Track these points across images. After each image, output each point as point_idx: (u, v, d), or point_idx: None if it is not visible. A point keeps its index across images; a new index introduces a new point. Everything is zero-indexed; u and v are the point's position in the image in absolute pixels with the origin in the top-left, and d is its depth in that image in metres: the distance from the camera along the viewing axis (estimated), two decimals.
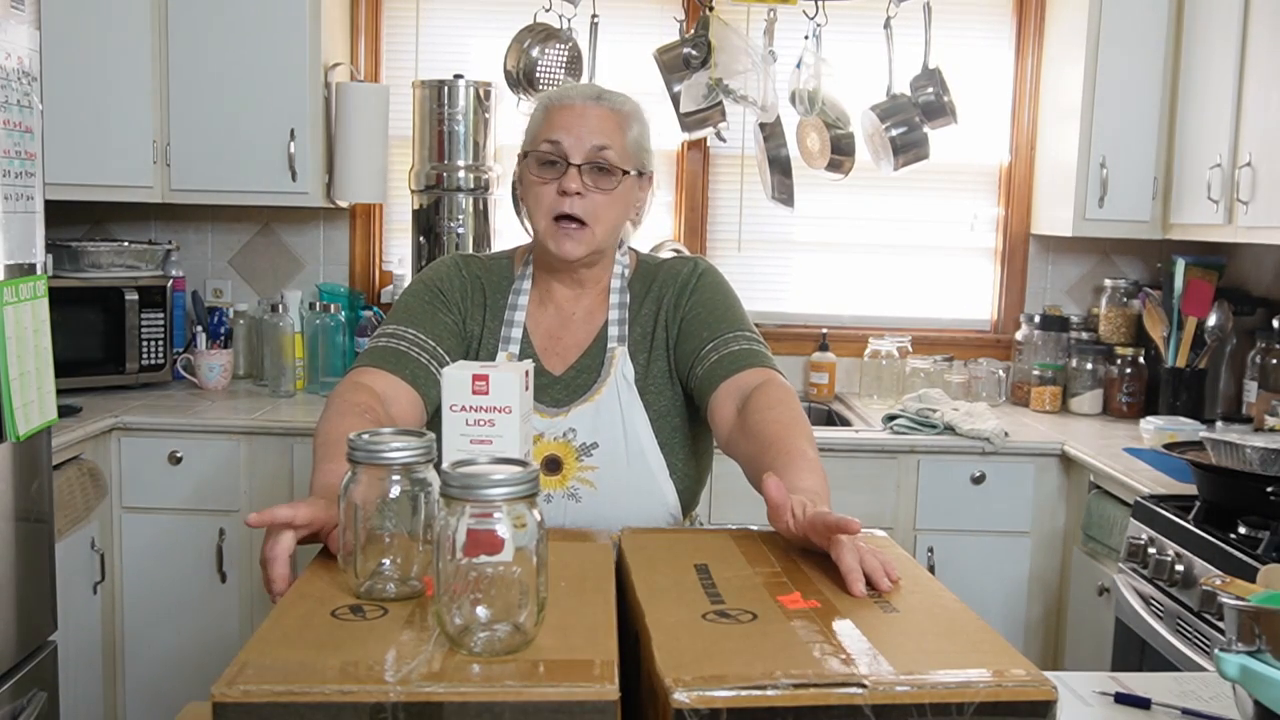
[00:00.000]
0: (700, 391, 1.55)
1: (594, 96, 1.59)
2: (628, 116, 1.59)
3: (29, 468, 2.01)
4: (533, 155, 1.57)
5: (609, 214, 1.56)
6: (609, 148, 1.55)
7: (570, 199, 1.53)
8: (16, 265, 1.90)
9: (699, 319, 1.59)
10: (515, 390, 1.10)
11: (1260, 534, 1.98)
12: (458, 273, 1.65)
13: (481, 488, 0.84)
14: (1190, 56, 2.91)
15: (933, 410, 2.93)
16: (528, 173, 1.58)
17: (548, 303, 1.65)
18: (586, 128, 1.54)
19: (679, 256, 1.70)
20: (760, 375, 1.51)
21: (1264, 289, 3.09)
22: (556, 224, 1.55)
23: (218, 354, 3.16)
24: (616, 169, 1.55)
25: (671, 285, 1.63)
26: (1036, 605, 2.87)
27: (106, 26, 2.86)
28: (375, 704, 0.78)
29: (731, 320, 1.59)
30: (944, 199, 3.46)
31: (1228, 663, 0.96)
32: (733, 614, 0.93)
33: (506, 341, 1.61)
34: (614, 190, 1.56)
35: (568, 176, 1.53)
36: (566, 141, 1.54)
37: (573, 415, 1.56)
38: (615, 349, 1.60)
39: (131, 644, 2.80)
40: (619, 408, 1.56)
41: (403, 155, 3.23)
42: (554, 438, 1.55)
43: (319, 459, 1.29)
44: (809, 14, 3.16)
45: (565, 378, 1.60)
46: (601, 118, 1.56)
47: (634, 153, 1.58)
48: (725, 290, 1.65)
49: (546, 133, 1.56)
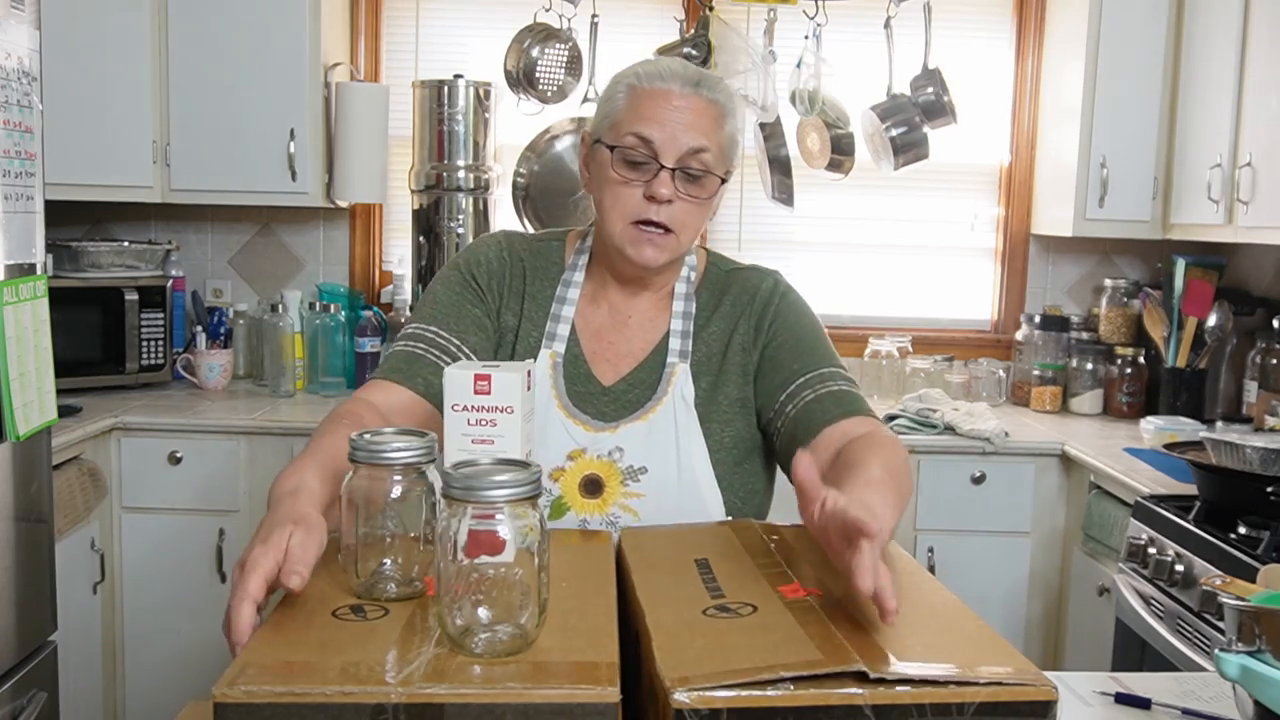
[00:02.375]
0: (788, 434, 1.38)
1: (693, 82, 1.37)
2: (725, 110, 1.39)
3: (29, 468, 2.01)
4: (619, 151, 1.36)
5: (695, 221, 1.39)
6: (706, 150, 1.35)
7: (659, 206, 1.35)
8: (16, 265, 1.90)
9: (787, 348, 1.42)
10: (517, 390, 1.10)
11: (1260, 534, 1.98)
12: (499, 254, 1.48)
13: (483, 489, 0.84)
14: (1190, 56, 2.91)
15: (933, 410, 2.93)
16: (609, 169, 1.37)
17: (601, 300, 1.47)
18: (682, 122, 1.34)
19: (752, 267, 1.52)
20: (865, 425, 1.34)
21: (1264, 289, 3.09)
22: (637, 228, 1.36)
23: (218, 354, 3.16)
24: (712, 174, 1.37)
25: (748, 305, 1.46)
26: (1037, 605, 2.88)
27: (106, 27, 2.86)
28: (376, 705, 0.78)
29: (823, 353, 1.43)
30: (944, 199, 3.46)
31: (1228, 663, 0.96)
32: (733, 608, 0.93)
33: (551, 338, 1.44)
34: (706, 199, 1.39)
35: (659, 181, 1.34)
36: (659, 139, 1.34)
37: (621, 432, 1.38)
38: (675, 365, 1.42)
39: (131, 644, 2.80)
40: (675, 430, 1.39)
41: (403, 155, 3.23)
42: (597, 455, 1.37)
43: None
44: (809, 14, 3.16)
45: (615, 390, 1.43)
46: (699, 111, 1.35)
47: (728, 152, 1.40)
48: (810, 315, 1.48)
49: (633, 123, 1.35)
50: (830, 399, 1.37)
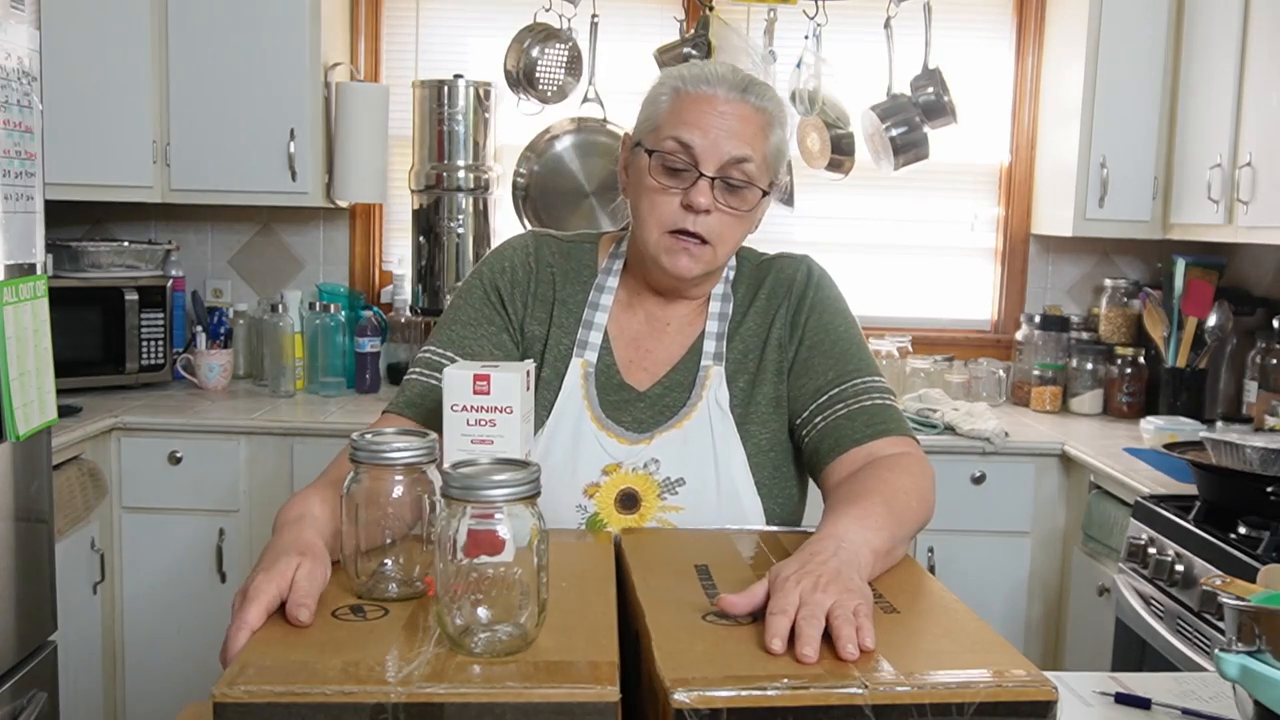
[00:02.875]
0: (813, 447, 1.34)
1: (740, 88, 1.31)
2: (773, 119, 1.34)
3: (29, 468, 2.01)
4: (657, 157, 1.31)
5: (734, 234, 1.34)
6: (749, 160, 1.30)
7: (696, 216, 1.29)
8: (16, 265, 1.90)
9: (821, 349, 1.36)
10: (516, 390, 1.10)
11: (1260, 534, 1.98)
12: (524, 260, 1.42)
13: (482, 488, 0.84)
14: (1190, 56, 2.91)
15: (933, 410, 2.93)
16: (646, 174, 1.32)
17: (636, 306, 1.41)
18: (725, 129, 1.29)
19: (783, 255, 1.47)
20: (896, 445, 1.29)
21: (1264, 289, 3.09)
22: (673, 238, 1.31)
23: (217, 354, 3.16)
24: (754, 186, 1.32)
25: (785, 297, 1.40)
26: (1037, 605, 2.87)
27: (106, 26, 2.86)
28: (376, 704, 0.78)
29: (858, 358, 1.36)
30: (944, 199, 3.46)
31: (1228, 663, 0.96)
32: (732, 615, 0.93)
33: (583, 346, 1.39)
34: (746, 212, 1.33)
35: (697, 190, 1.28)
36: (700, 146, 1.28)
37: (657, 443, 1.34)
38: (710, 367, 1.38)
39: (131, 644, 2.80)
40: (711, 438, 1.34)
41: (403, 155, 3.23)
42: (633, 469, 1.32)
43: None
44: (809, 14, 3.16)
45: (651, 395, 1.37)
46: (745, 119, 1.30)
47: (774, 163, 1.35)
48: (844, 310, 1.42)
49: (675, 128, 1.30)
50: (862, 416, 1.32)
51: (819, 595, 0.90)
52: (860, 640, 0.85)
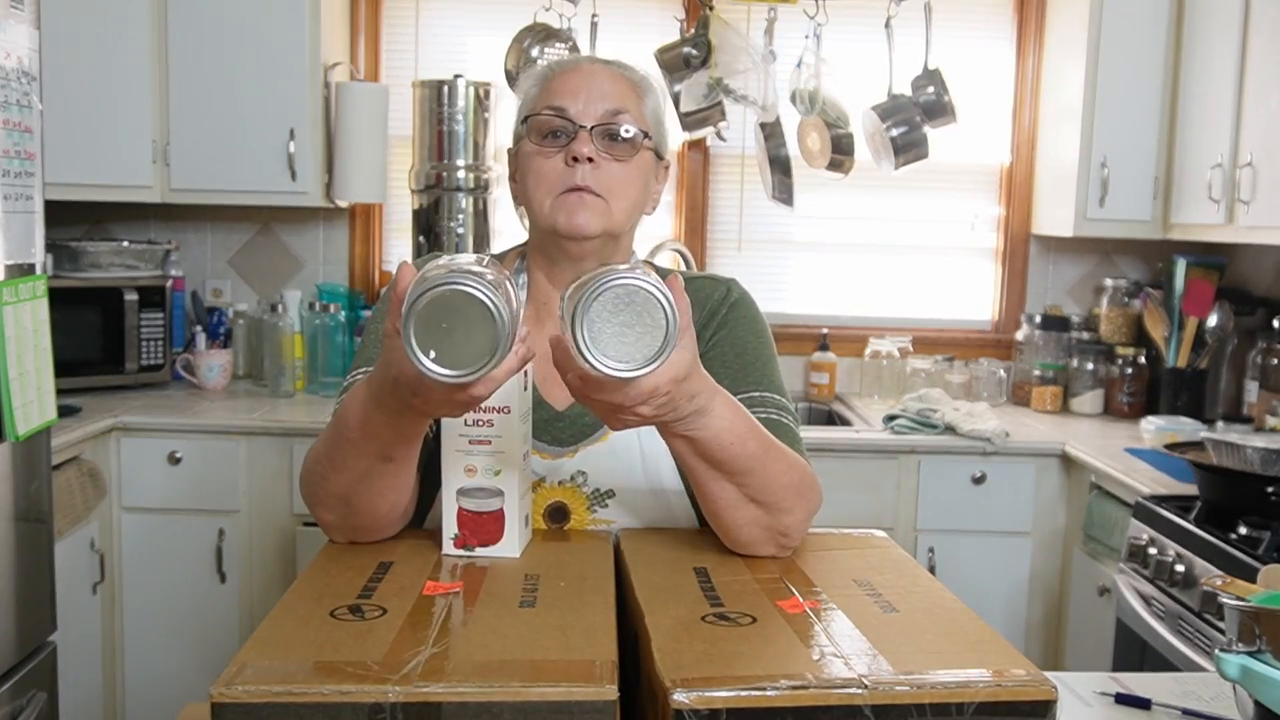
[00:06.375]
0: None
1: (604, 61, 1.34)
2: (646, 86, 1.35)
3: (28, 468, 2.01)
4: (531, 122, 1.30)
5: (628, 189, 1.30)
6: (625, 112, 1.29)
7: (582, 168, 1.26)
8: (16, 265, 1.90)
9: (722, 360, 1.31)
10: (514, 390, 1.10)
11: (1261, 534, 1.98)
12: None
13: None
14: (1190, 56, 2.91)
15: (933, 410, 2.93)
16: (527, 143, 1.31)
17: (546, 320, 1.36)
18: (598, 90, 1.29)
19: (709, 276, 1.42)
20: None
21: (1264, 289, 3.09)
22: (564, 196, 1.28)
23: (217, 354, 3.16)
24: (638, 135, 1.30)
25: (699, 313, 1.35)
26: (1037, 605, 2.87)
27: (106, 26, 2.86)
28: (374, 704, 0.78)
29: (759, 373, 1.32)
30: (944, 199, 3.46)
31: (1228, 663, 0.96)
32: (732, 616, 0.93)
33: None
34: (633, 159, 1.30)
35: (578, 140, 1.27)
36: (574, 107, 1.28)
37: (580, 456, 1.30)
38: None
39: (131, 644, 2.80)
40: (639, 449, 1.30)
41: (402, 155, 3.23)
42: (559, 482, 1.29)
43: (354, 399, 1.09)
44: (809, 13, 3.16)
45: (570, 413, 1.31)
46: (613, 79, 1.31)
47: (653, 124, 1.33)
48: (758, 330, 1.37)
49: (547, 100, 1.30)
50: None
51: (643, 407, 0.95)
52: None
